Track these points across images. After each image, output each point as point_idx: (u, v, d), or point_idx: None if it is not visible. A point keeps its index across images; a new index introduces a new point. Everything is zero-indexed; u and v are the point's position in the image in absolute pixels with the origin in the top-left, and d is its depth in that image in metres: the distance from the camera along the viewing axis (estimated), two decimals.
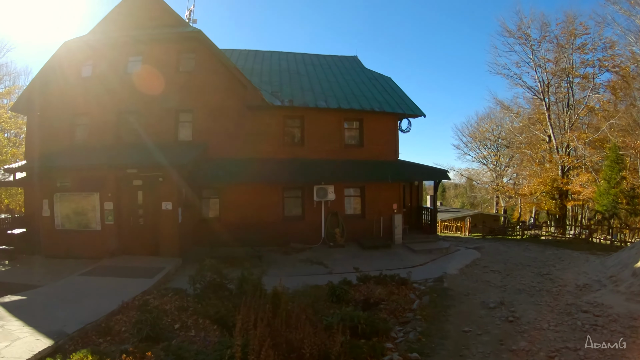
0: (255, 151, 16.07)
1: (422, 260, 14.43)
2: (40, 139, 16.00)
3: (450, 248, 16.37)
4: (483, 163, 43.93)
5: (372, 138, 17.08)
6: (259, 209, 15.85)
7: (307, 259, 14.29)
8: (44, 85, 16.03)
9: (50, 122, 15.99)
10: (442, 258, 14.95)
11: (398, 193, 17.07)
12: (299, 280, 11.08)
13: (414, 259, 14.47)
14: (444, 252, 15.84)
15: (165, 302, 8.89)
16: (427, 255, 15.03)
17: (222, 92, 15.98)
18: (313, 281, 10.81)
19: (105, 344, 6.80)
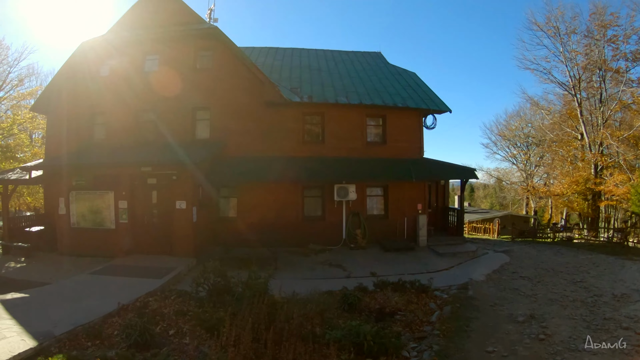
0: (274, 149, 15.18)
1: (446, 264, 13.24)
2: (60, 138, 15.62)
3: (477, 251, 15.10)
4: (513, 162, 41.54)
5: (396, 135, 15.89)
6: (278, 209, 14.96)
7: (326, 261, 13.32)
8: (63, 86, 15.64)
9: (69, 122, 15.57)
10: (468, 262, 13.72)
11: (423, 193, 15.90)
12: (313, 284, 10.18)
13: (438, 263, 13.30)
14: (471, 255, 14.58)
15: (165, 305, 8.15)
16: (452, 259, 13.83)
17: (240, 89, 15.17)
18: (328, 286, 9.89)
19: (93, 348, 6.33)
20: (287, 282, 10.84)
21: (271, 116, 15.25)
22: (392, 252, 14.30)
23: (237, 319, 4.90)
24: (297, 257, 13.76)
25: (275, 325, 5.27)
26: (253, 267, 9.60)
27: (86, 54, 15.43)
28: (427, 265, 12.97)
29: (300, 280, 11.15)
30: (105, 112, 15.64)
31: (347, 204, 15.24)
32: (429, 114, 16.37)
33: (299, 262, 13.29)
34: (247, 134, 15.12)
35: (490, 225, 26.71)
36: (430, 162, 16.29)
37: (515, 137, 40.81)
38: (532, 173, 39.72)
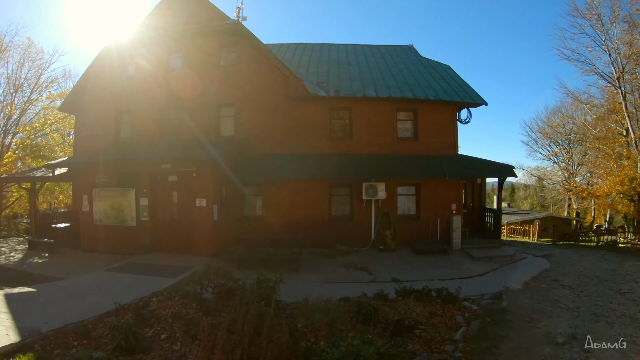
0: (299, 146, 14.15)
1: (481, 269, 11.73)
2: (87, 137, 15.44)
3: (515, 256, 13.44)
4: (554, 161, 38.14)
5: (428, 130, 14.46)
6: (304, 208, 13.91)
7: (351, 263, 12.14)
8: (89, 86, 15.41)
9: (96, 121, 15.33)
10: (504, 268, 12.14)
11: (457, 192, 14.44)
12: (334, 288, 9.25)
13: (471, 268, 11.83)
14: (508, 260, 12.96)
15: (166, 307, 7.25)
16: (487, 264, 12.30)
17: (264, 85, 14.23)
18: (349, 291, 8.75)
19: (78, 348, 5.79)
20: (307, 285, 9.83)
21: (296, 112, 14.24)
22: (423, 255, 12.97)
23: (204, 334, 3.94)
24: (322, 259, 12.67)
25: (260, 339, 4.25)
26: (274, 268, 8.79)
27: (111, 54, 15.08)
28: (460, 270, 11.57)
29: (321, 284, 10.04)
30: (131, 110, 15.16)
31: (376, 203, 14.02)
32: (463, 107, 14.87)
33: (323, 264, 12.18)
34: (272, 130, 14.18)
35: (530, 228, 24.63)
36: (465, 158, 14.74)
37: (557, 135, 37.65)
38: (574, 172, 36.62)
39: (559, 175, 37.21)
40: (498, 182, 14.80)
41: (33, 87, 21.62)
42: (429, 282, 9.50)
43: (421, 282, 9.50)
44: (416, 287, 8.45)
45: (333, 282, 10.17)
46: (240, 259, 11.71)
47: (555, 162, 38.20)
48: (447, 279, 10.52)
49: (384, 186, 13.57)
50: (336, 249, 13.45)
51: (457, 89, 15.10)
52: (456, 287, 8.55)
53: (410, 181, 14.24)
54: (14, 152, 19.40)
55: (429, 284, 8.95)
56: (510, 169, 14.49)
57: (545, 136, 38.55)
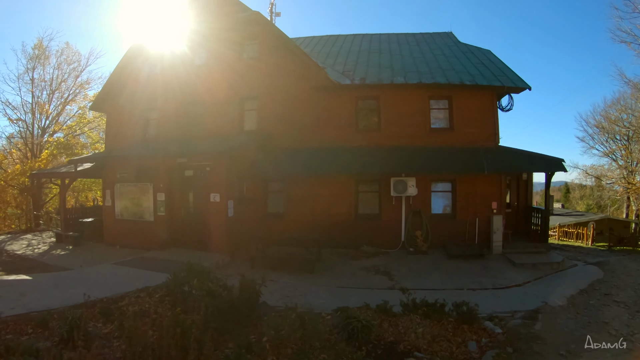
0: (324, 139, 12.54)
1: (521, 278, 9.46)
2: (116, 135, 14.93)
3: (563, 263, 10.92)
4: (612, 158, 33.21)
5: (464, 119, 12.29)
6: (328, 205, 12.33)
7: (374, 266, 10.40)
8: (117, 85, 14.78)
9: (124, 119, 14.73)
10: (548, 277, 9.73)
11: (498, 188, 12.23)
12: (344, 294, 7.97)
13: (510, 276, 9.61)
14: (554, 268, 10.51)
15: (139, 303, 6.38)
16: (529, 272, 9.96)
17: (286, 76, 12.75)
18: (360, 298, 7.15)
19: (30, 336, 5.34)
20: (317, 289, 8.37)
21: (321, 103, 12.69)
22: (456, 260, 10.94)
23: None
24: (344, 260, 11.05)
25: None
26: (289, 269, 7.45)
27: (137, 53, 14.49)
28: (496, 278, 9.45)
29: (332, 289, 8.47)
30: (156, 108, 14.35)
31: (407, 200, 12.19)
32: (503, 93, 12.66)
33: (343, 266, 10.54)
34: (296, 123, 12.72)
35: (584, 231, 21.32)
36: (506, 150, 12.33)
37: (615, 131, 32.72)
38: (633, 170, 31.85)
39: (617, 174, 32.60)
40: (545, 177, 12.42)
41: (70, 88, 21.72)
42: (456, 293, 7.69)
43: (448, 291, 7.75)
44: (440, 297, 6.51)
45: (347, 287, 8.55)
46: (253, 258, 10.41)
47: (613, 160, 33.38)
48: (478, 289, 8.54)
49: (414, 182, 11.72)
50: (362, 250, 11.79)
51: (497, 73, 12.84)
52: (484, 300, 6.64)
53: (444, 176, 12.22)
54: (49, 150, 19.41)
55: (456, 295, 7.13)
56: (559, 162, 12.07)
57: (602, 131, 33.53)
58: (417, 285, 8.54)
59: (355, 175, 12.14)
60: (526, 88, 12.02)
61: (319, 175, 12.12)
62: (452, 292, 7.81)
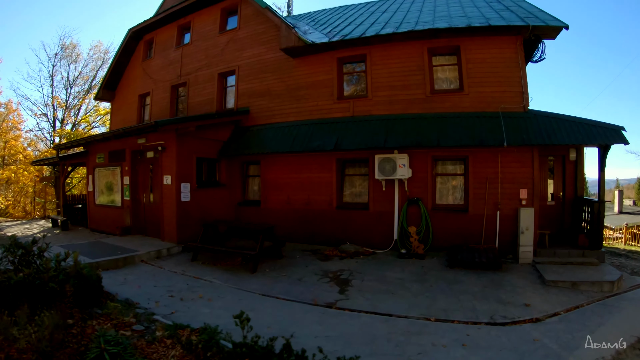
0: (304, 112, 9.05)
1: (546, 307, 4.90)
2: (118, 123, 13.19)
3: (620, 282, 5.85)
4: None
5: (479, 76, 7.63)
6: (306, 192, 8.79)
7: (339, 271, 6.66)
8: (117, 73, 13.11)
9: (123, 107, 13.17)
10: (592, 307, 4.94)
11: (529, 170, 7.29)
12: (256, 307, 4.88)
13: (530, 302, 5.03)
14: (605, 290, 5.62)
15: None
16: (564, 296, 5.28)
17: (262, 44, 9.70)
18: (273, 314, 4.55)
19: None
20: (234, 294, 5.48)
21: (298, 70, 9.17)
22: (460, 269, 6.54)
23: None
24: (309, 260, 7.47)
25: None
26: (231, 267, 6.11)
27: (133, 39, 12.56)
28: (505, 304, 5.02)
29: (254, 296, 5.50)
30: (149, 92, 12.26)
31: (401, 186, 7.95)
32: (531, 39, 7.58)
33: (300, 267, 7.01)
34: (273, 96, 9.41)
35: None
36: (538, 116, 7.33)
37: None
38: None
39: None
40: (598, 153, 7.16)
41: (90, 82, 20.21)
42: (433, 326, 3.98)
43: (409, 321, 4.35)
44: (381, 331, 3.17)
45: (273, 297, 5.41)
46: (197, 250, 7.18)
47: None
48: (469, 322, 4.47)
49: (406, 160, 7.47)
50: (341, 248, 7.95)
51: (520, 11, 7.89)
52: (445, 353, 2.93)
53: (452, 153, 7.79)
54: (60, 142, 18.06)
55: (431, 329, 3.58)
56: (617, 131, 6.82)
57: None
58: (372, 304, 4.98)
59: (336, 153, 8.15)
60: (562, 28, 7.00)
61: (294, 156, 8.44)
62: (414, 322, 3.93)
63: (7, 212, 17.53)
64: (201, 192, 8.79)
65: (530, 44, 7.72)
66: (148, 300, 4.91)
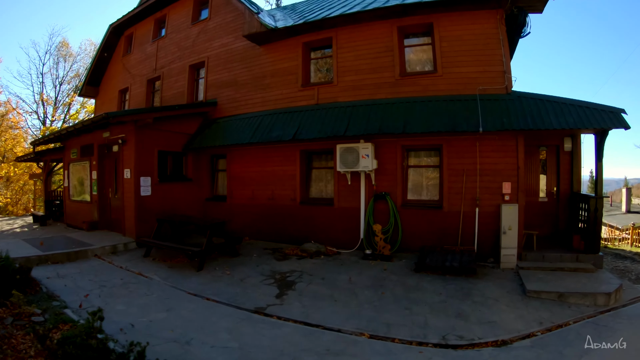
0: (268, 101, 8.01)
1: (521, 324, 3.67)
2: None
3: (617, 294, 4.46)
4: None
5: (455, 55, 6.35)
6: (270, 187, 7.69)
7: (289, 272, 5.72)
8: (99, 69, 12.44)
9: (105, 102, 12.53)
10: (579, 326, 3.65)
11: (513, 161, 5.93)
12: (173, 305, 4.19)
13: (504, 318, 3.84)
14: (600, 303, 4.26)
15: None
16: (546, 310, 4.02)
17: (231, 34, 8.86)
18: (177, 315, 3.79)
19: None
20: (164, 291, 4.75)
21: (264, 58, 8.22)
22: (427, 275, 5.36)
23: None
24: (264, 259, 6.63)
25: None
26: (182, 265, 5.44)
27: (113, 36, 11.85)
28: (472, 320, 3.88)
29: (180, 295, 4.70)
30: (128, 88, 11.47)
31: (368, 179, 6.75)
32: (514, 12, 6.18)
33: (247, 267, 6.13)
34: (240, 86, 8.49)
35: None
36: (524, 99, 5.94)
37: None
38: None
39: None
40: (595, 140, 5.72)
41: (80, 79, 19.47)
42: (364, 344, 3.19)
43: (351, 337, 3.39)
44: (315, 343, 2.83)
45: (201, 296, 4.66)
46: (149, 246, 6.34)
47: None
48: (414, 341, 3.47)
49: (371, 150, 6.28)
50: (303, 247, 6.85)
51: None
52: None
53: (424, 141, 6.57)
54: None
55: (358, 349, 3.01)
56: (616, 114, 5.37)
57: None
58: (306, 312, 4.09)
59: (300, 145, 7.00)
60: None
61: (259, 148, 7.39)
62: (342, 338, 3.38)
63: (7, 209, 17.10)
64: (164, 187, 7.93)
65: (514, 18, 6.34)
66: (75, 293, 4.41)
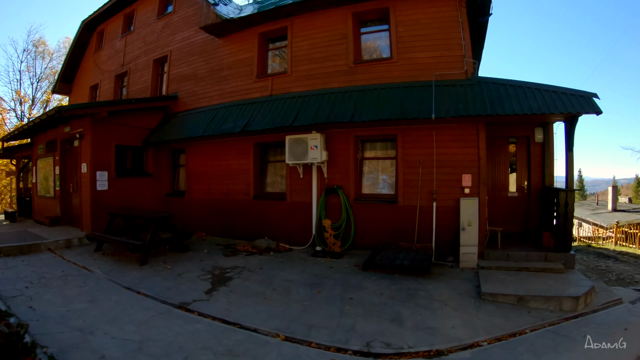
0: (224, 94, 7.58)
1: (466, 332, 3.06)
2: None
3: (588, 297, 3.76)
4: None
5: (412, 40, 5.75)
6: (225, 182, 7.10)
7: (229, 269, 5.15)
8: (72, 66, 11.84)
9: (78, 99, 11.84)
10: (534, 336, 2.99)
11: (474, 152, 5.29)
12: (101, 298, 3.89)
13: (447, 324, 3.23)
14: (565, 308, 3.57)
15: None
16: (499, 316, 3.39)
17: (192, 27, 8.34)
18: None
19: None
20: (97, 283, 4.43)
21: (222, 50, 7.81)
22: (375, 274, 4.76)
23: None
24: (212, 254, 6.06)
25: None
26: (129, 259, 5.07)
27: (85, 32, 11.24)
28: (408, 325, 3.30)
29: (117, 288, 4.33)
30: (98, 83, 11.06)
31: (320, 173, 6.13)
32: None
33: (191, 262, 5.53)
34: (199, 79, 8.07)
35: None
36: (486, 83, 5.31)
37: None
38: None
39: None
40: (565, 126, 5.04)
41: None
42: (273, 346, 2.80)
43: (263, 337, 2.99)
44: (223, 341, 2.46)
45: (133, 290, 4.22)
46: (99, 242, 5.88)
47: None
48: (332, 346, 2.94)
49: (319, 140, 5.69)
50: (254, 244, 6.26)
51: None
52: None
53: (378, 131, 5.99)
54: None
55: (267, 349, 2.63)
56: (588, 98, 4.67)
57: None
58: (230, 309, 3.64)
59: (254, 138, 6.41)
60: None
61: (215, 142, 6.85)
62: (255, 338, 2.99)
63: None
64: (122, 182, 7.47)
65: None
66: (12, 283, 4.23)
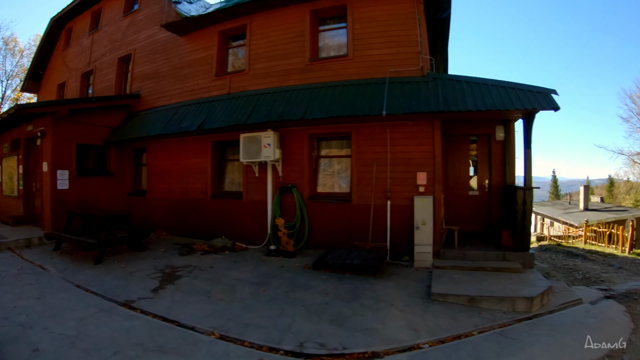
0: (184, 92, 7.40)
1: (408, 334, 2.91)
2: None
3: (544, 298, 3.61)
4: None
5: (369, 38, 5.62)
6: (185, 179, 7.05)
7: (181, 267, 4.95)
8: (40, 64, 11.52)
9: (46, 97, 11.45)
10: (481, 338, 2.83)
11: (429, 149, 5.15)
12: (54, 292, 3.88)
13: (391, 325, 3.09)
14: (518, 309, 3.42)
15: None
16: (447, 317, 3.24)
17: (156, 25, 8.03)
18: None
19: None
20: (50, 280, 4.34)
21: (183, 48, 7.64)
22: (325, 273, 4.67)
23: None
24: (168, 254, 5.80)
25: None
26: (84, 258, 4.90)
27: (54, 29, 10.94)
28: (348, 326, 3.14)
29: (67, 286, 4.16)
30: (65, 83, 10.77)
31: (275, 171, 5.93)
32: None
33: (145, 261, 5.32)
34: (161, 77, 7.97)
35: (621, 231, 10.68)
36: (441, 80, 5.19)
37: None
38: None
39: None
40: (523, 123, 4.90)
41: None
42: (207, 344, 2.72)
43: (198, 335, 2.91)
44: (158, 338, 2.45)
45: (83, 288, 4.07)
46: (58, 241, 5.79)
47: None
48: (265, 346, 2.79)
49: (273, 138, 5.50)
50: (210, 243, 6.11)
51: None
52: None
53: (333, 129, 5.86)
54: None
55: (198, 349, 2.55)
56: (546, 94, 4.51)
57: None
58: (172, 307, 3.55)
59: (212, 137, 6.19)
60: None
61: (174, 141, 6.63)
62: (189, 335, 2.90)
63: None
64: (84, 181, 7.25)
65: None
66: None
